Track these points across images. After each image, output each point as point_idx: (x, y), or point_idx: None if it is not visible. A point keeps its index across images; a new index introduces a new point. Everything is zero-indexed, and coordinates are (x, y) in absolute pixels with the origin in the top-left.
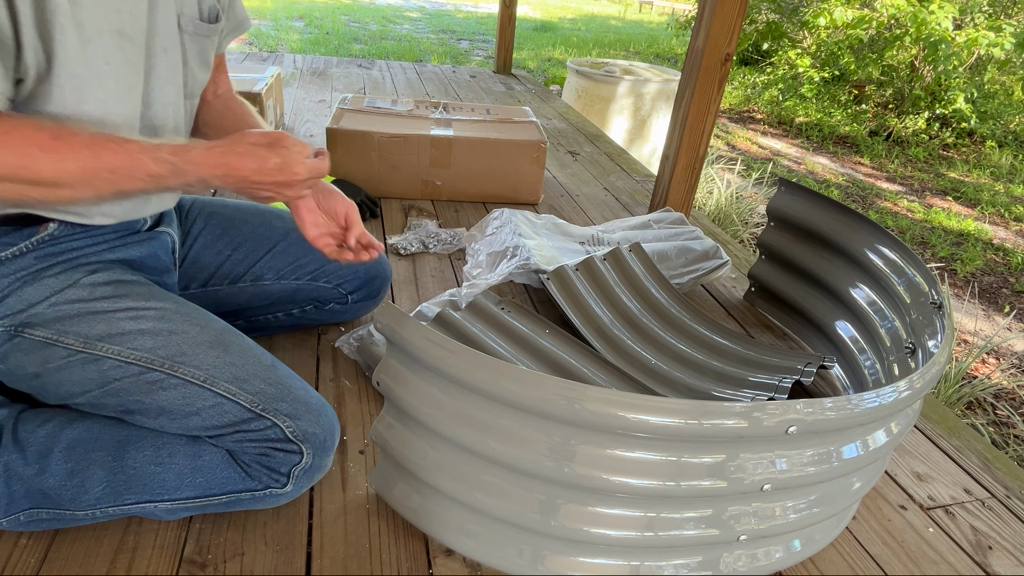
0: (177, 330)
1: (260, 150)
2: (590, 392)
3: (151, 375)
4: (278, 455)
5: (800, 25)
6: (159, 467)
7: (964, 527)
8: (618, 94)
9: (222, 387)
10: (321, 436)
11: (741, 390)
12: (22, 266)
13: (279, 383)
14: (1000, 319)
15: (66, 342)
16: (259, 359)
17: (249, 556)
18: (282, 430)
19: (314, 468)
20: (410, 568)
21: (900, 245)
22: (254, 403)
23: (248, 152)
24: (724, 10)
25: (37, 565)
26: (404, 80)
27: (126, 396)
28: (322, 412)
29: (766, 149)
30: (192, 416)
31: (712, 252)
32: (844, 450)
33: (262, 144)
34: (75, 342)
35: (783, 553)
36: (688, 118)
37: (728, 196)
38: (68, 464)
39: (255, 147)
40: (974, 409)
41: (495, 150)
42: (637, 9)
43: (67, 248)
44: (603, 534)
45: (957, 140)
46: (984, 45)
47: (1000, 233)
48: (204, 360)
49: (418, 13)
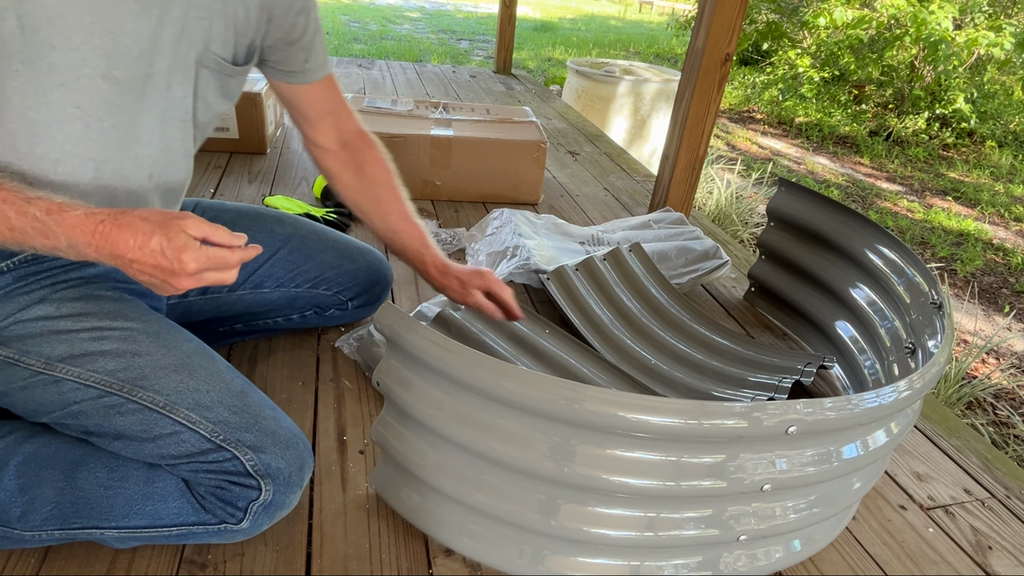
0: (141, 352)
1: (146, 225)
2: (590, 392)
3: (109, 399)
4: (235, 489)
5: (800, 25)
6: (108, 491)
7: (964, 527)
8: (618, 94)
9: (182, 414)
10: (286, 471)
11: (741, 390)
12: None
13: (246, 412)
14: (1000, 319)
15: (27, 362)
16: (227, 385)
17: (249, 556)
18: (242, 463)
19: (275, 505)
20: (410, 568)
21: (900, 245)
22: (214, 433)
23: (131, 225)
24: (724, 10)
25: (37, 565)
26: (404, 80)
27: (85, 419)
28: (291, 445)
29: (766, 149)
30: (148, 443)
31: (712, 252)
32: (844, 450)
33: (152, 220)
34: (36, 362)
35: (783, 553)
36: (688, 118)
37: (728, 196)
38: (20, 480)
39: (142, 221)
40: (974, 409)
41: (495, 150)
42: (637, 9)
43: (49, 267)
44: (603, 534)
45: (957, 140)
46: (984, 45)
47: (1000, 233)
48: (166, 385)
49: (418, 13)
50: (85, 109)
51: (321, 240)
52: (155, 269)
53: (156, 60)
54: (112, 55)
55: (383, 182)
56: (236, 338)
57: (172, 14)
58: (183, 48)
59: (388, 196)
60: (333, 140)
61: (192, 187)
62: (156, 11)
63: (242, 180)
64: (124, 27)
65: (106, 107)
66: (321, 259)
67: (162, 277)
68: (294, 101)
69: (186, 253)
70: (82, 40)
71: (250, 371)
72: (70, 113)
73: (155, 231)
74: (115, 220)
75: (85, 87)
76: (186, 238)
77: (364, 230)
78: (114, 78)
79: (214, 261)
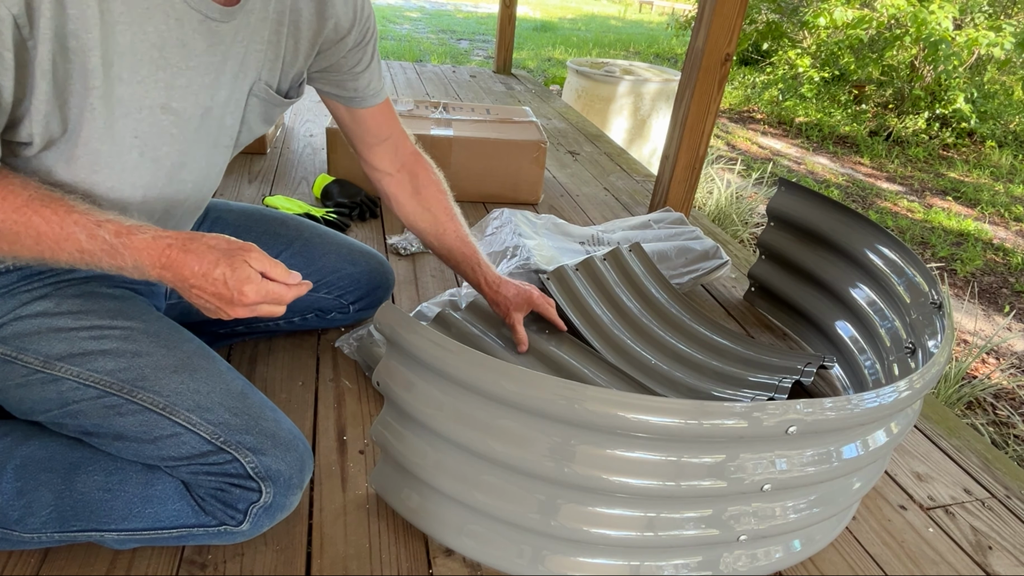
0: (142, 352)
1: (212, 254)
2: (590, 392)
3: (109, 399)
4: (235, 491)
5: (800, 25)
6: (108, 494)
7: (964, 527)
8: (618, 94)
9: (182, 416)
10: (287, 474)
11: (741, 390)
12: (3, 284)
13: (246, 413)
14: (1000, 319)
15: (25, 360)
16: (228, 386)
17: (249, 556)
18: (243, 465)
19: (275, 507)
20: (410, 568)
21: (900, 245)
22: (215, 435)
23: (197, 252)
24: (724, 10)
25: (37, 565)
26: (404, 80)
27: (84, 419)
28: (291, 447)
29: (766, 149)
30: (148, 444)
31: (712, 252)
32: (844, 450)
33: (219, 248)
34: (35, 361)
35: (783, 553)
36: (688, 118)
37: (728, 196)
38: (18, 483)
39: (209, 249)
40: (974, 409)
41: (495, 150)
42: (637, 9)
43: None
44: (603, 534)
45: (957, 140)
46: (984, 45)
47: (1000, 233)
48: (166, 386)
49: (418, 13)
50: (143, 139)
51: (324, 243)
52: (214, 297)
53: (216, 94)
54: (173, 88)
55: (439, 203)
56: (236, 339)
57: (235, 50)
58: (240, 81)
59: (444, 217)
60: (391, 164)
61: None
62: (222, 48)
63: (242, 180)
64: (189, 63)
65: (163, 137)
66: (324, 263)
67: (218, 304)
68: (352, 125)
69: (248, 286)
70: (148, 73)
71: (250, 371)
72: (129, 143)
73: (220, 261)
74: (183, 246)
75: (145, 118)
76: (249, 271)
77: (365, 230)
78: (172, 109)
79: (271, 296)
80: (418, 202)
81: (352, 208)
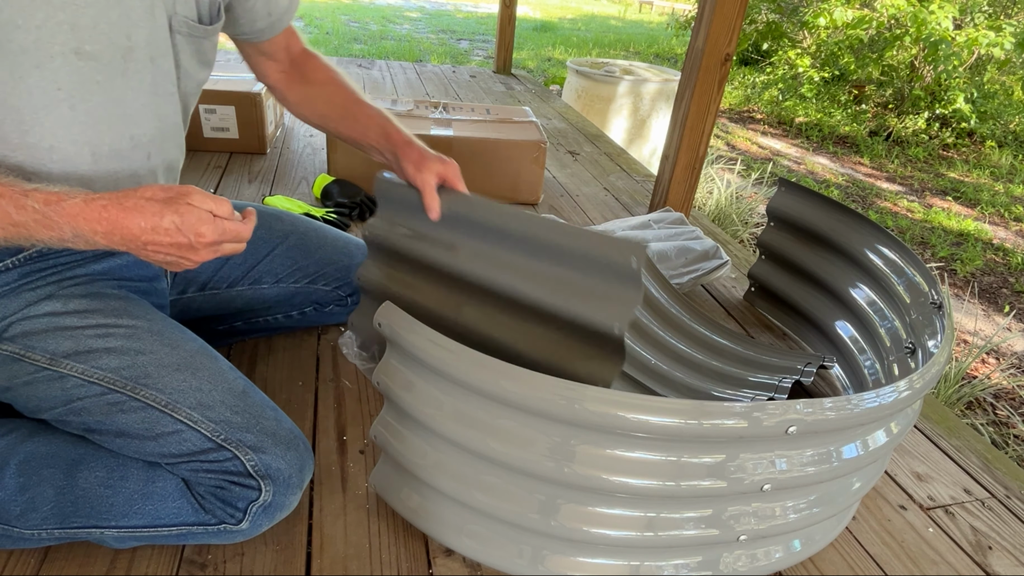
0: (145, 350)
1: (153, 205)
2: (590, 392)
3: (112, 396)
4: (235, 489)
5: (800, 25)
6: (108, 490)
7: (964, 527)
8: (618, 94)
9: (184, 413)
10: (286, 472)
11: (741, 390)
12: (5, 282)
13: (247, 412)
14: (1000, 319)
15: (32, 358)
16: (229, 385)
17: (249, 556)
18: (243, 463)
19: (275, 506)
20: (410, 568)
21: (900, 245)
22: (216, 432)
23: (138, 208)
24: (724, 10)
25: (37, 565)
26: (404, 80)
27: (88, 416)
28: (292, 446)
29: (766, 149)
30: (150, 441)
31: (712, 252)
32: (844, 450)
33: (158, 199)
34: (41, 358)
35: (783, 553)
36: (688, 118)
37: (728, 196)
38: (20, 479)
39: (148, 202)
40: (974, 409)
41: (495, 150)
42: (637, 9)
43: (55, 264)
44: (603, 534)
45: (957, 140)
46: (984, 45)
47: (1000, 233)
48: (168, 383)
49: (418, 13)
50: (67, 90)
51: (320, 237)
52: (172, 247)
53: (133, 33)
54: (78, 27)
55: (329, 79)
56: (237, 337)
57: None
58: (157, 16)
59: (336, 91)
60: (281, 63)
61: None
62: None
63: (242, 180)
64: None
65: (88, 85)
66: (320, 255)
67: (180, 254)
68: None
69: (204, 226)
70: (46, 16)
71: (250, 371)
72: (53, 96)
73: (164, 210)
74: (119, 204)
75: (60, 66)
76: (199, 212)
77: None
78: (87, 53)
79: (230, 233)
80: (310, 88)
81: (352, 208)
